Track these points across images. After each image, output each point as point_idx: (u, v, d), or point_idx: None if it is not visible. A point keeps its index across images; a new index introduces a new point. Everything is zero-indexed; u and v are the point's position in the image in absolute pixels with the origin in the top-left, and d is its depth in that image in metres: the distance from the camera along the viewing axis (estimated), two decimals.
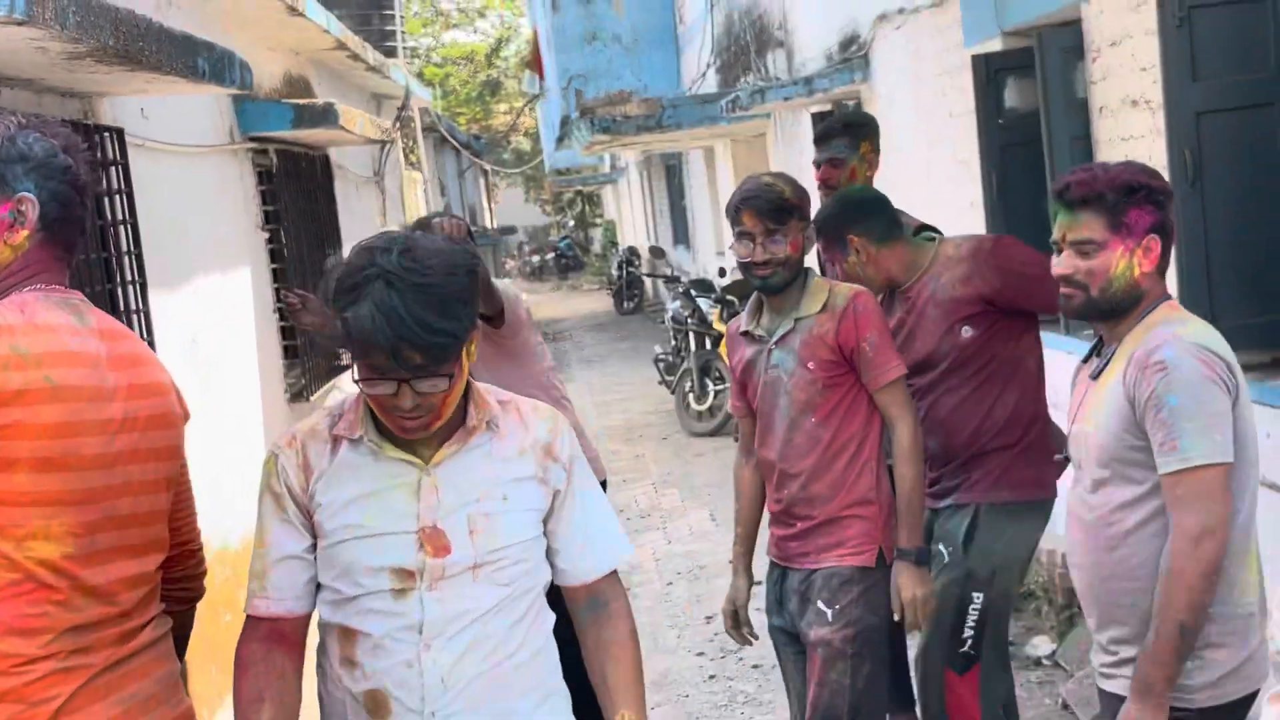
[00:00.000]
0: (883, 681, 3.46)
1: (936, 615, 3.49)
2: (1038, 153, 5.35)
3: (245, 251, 6.35)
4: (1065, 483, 2.99)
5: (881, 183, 4.71)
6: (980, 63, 5.70)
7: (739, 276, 12.62)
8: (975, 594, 3.53)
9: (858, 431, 3.39)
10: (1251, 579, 2.54)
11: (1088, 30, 4.92)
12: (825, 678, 3.34)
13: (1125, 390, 2.50)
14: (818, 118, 9.27)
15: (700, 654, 5.76)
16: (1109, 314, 2.59)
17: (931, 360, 3.63)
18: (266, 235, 6.78)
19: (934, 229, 4.14)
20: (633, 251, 23.37)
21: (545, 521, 2.32)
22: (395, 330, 2.02)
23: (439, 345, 2.05)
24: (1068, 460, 2.79)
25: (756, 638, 3.74)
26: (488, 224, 26.22)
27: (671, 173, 21.23)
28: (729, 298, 11.23)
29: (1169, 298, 2.60)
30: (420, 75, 27.43)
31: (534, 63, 19.74)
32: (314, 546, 2.23)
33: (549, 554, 2.34)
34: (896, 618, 3.36)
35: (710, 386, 10.79)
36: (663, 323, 13.98)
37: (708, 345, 11.23)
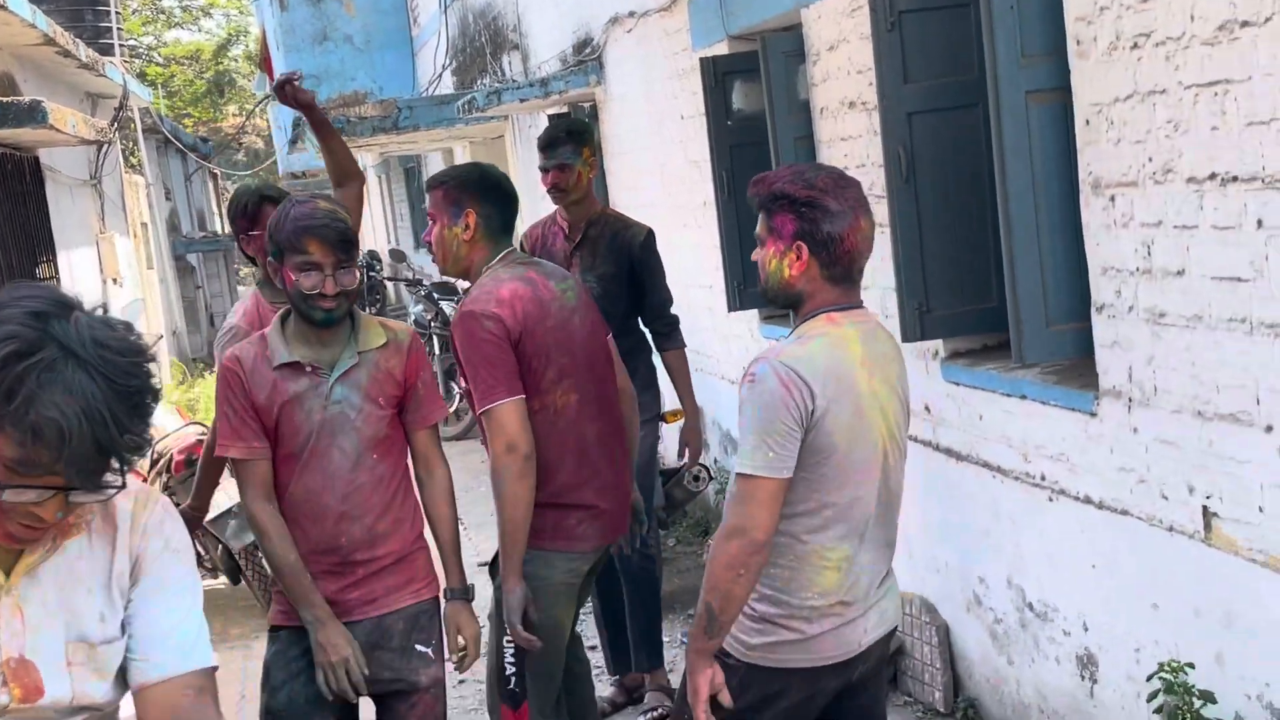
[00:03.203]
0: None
1: (490, 656, 3.66)
2: (765, 153, 5.52)
3: None
4: None
5: (617, 183, 4.78)
6: (709, 65, 5.84)
7: None
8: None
9: (405, 470, 3.38)
10: (827, 581, 2.70)
11: (808, 35, 5.11)
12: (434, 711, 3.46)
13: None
14: (555, 119, 9.32)
15: (449, 658, 5.69)
16: (782, 306, 2.82)
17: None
18: None
19: None
20: (373, 255, 22.82)
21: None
22: (96, 433, 1.56)
23: (136, 454, 1.65)
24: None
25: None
26: (218, 229, 25.22)
27: (410, 175, 20.96)
28: None
29: (846, 308, 2.72)
30: (142, 75, 26.20)
31: (264, 63, 19.12)
32: None
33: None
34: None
35: (456, 390, 10.69)
36: None
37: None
